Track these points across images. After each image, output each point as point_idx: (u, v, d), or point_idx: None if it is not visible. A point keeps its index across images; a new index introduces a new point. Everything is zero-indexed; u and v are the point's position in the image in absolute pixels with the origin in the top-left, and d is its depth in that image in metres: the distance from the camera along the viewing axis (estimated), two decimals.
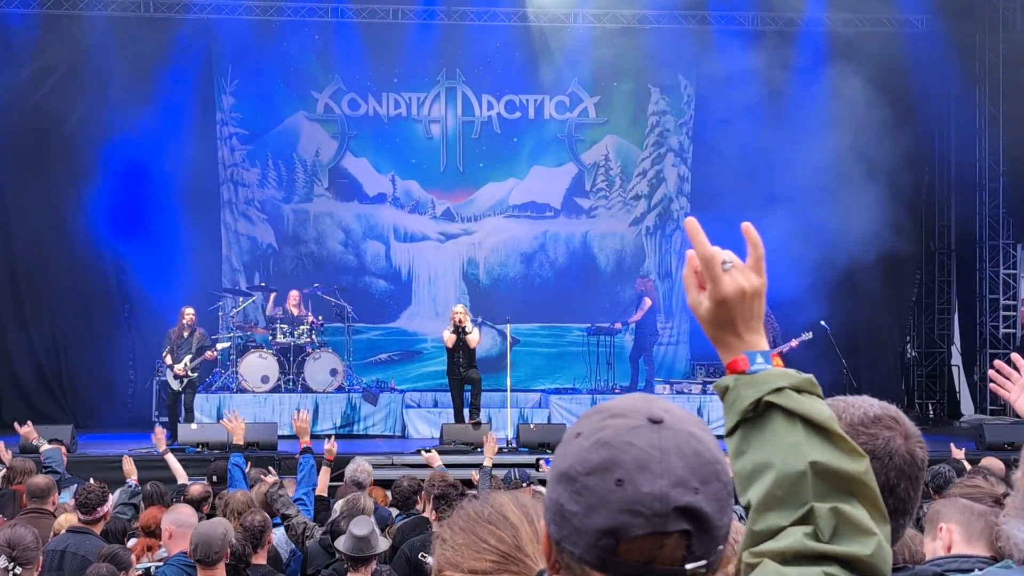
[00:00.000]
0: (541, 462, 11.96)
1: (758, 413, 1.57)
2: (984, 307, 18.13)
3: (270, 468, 8.50)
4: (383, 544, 6.00)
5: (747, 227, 1.68)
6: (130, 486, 8.26)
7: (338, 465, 9.62)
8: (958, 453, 9.43)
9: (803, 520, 1.50)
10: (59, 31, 16.58)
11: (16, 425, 9.56)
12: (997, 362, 3.46)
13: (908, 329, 18.83)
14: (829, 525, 1.49)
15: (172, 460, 9.61)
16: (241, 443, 8.69)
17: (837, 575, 1.47)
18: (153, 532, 6.85)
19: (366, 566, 5.82)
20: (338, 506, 7.35)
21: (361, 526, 5.81)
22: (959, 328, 18.83)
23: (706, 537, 1.38)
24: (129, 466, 8.88)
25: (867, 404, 2.21)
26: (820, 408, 1.56)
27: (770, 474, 1.53)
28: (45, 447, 9.23)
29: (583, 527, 1.37)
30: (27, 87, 16.40)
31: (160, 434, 10.40)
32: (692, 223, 1.65)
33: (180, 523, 6.07)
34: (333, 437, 9.78)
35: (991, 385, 3.48)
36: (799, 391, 1.58)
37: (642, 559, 1.37)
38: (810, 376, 1.60)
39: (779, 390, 1.57)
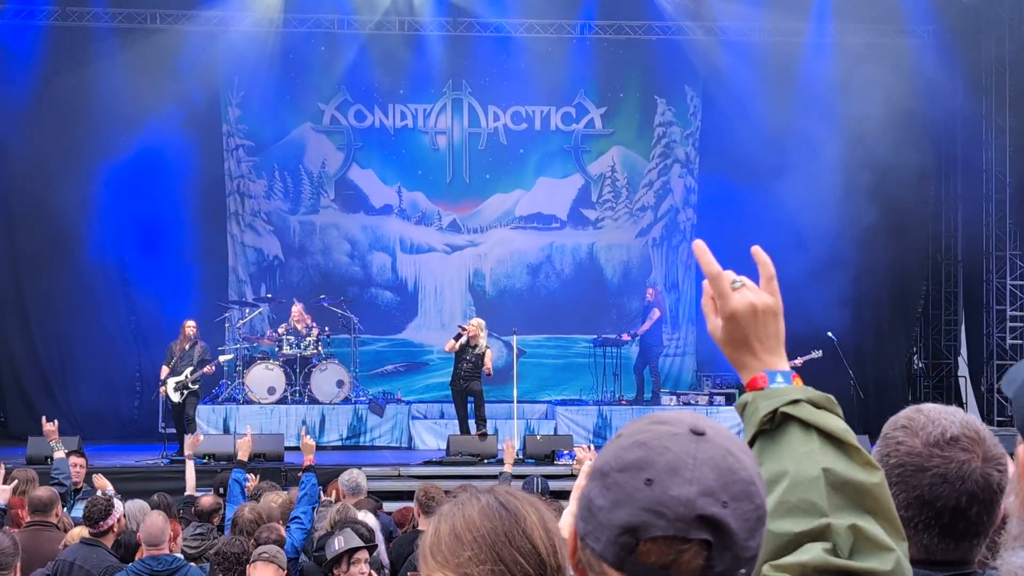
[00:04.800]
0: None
1: (775, 425, 1.62)
2: (991, 318, 18.07)
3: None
4: (351, 541, 5.80)
5: (756, 250, 1.71)
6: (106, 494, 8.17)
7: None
8: None
9: (820, 535, 1.54)
10: (65, 43, 16.63)
11: (44, 420, 9.44)
12: None
13: (915, 340, 18.78)
14: (847, 542, 1.53)
15: (190, 468, 9.61)
16: (244, 459, 8.69)
17: None
18: None
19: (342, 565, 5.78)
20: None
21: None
22: (966, 339, 18.78)
23: (727, 554, 1.35)
24: (101, 481, 8.80)
25: (947, 422, 2.09)
26: (836, 421, 1.61)
27: (784, 480, 1.57)
28: (59, 454, 8.99)
29: (607, 522, 1.37)
30: (33, 99, 16.44)
31: (196, 440, 10.45)
32: (700, 245, 1.68)
33: (149, 533, 6.26)
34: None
35: None
36: (817, 406, 1.62)
37: (660, 563, 1.35)
38: (830, 395, 1.64)
39: (795, 402, 1.61)
